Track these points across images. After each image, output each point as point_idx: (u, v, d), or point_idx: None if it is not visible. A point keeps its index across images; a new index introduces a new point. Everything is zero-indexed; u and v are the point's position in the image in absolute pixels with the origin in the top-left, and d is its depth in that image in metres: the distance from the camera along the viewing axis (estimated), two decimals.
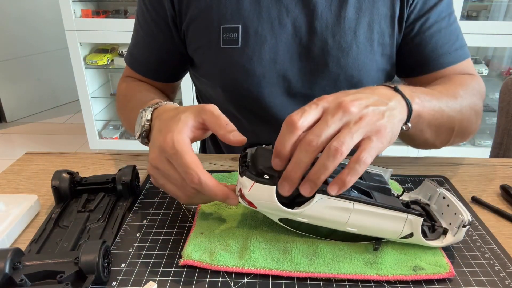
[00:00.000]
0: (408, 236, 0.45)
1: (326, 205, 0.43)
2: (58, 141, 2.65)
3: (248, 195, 0.44)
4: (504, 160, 0.70)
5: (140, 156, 0.70)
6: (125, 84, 0.78)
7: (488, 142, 2.17)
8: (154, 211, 0.54)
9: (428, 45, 0.69)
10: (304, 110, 0.43)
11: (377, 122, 0.43)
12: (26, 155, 0.71)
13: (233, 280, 0.42)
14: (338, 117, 0.42)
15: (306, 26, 0.66)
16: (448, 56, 0.69)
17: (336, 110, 0.42)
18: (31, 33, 2.86)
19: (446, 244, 0.46)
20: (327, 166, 0.40)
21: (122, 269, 0.44)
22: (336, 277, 0.42)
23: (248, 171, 0.44)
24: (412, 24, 0.68)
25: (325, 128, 0.41)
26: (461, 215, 0.45)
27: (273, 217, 0.47)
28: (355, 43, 0.66)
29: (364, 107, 0.43)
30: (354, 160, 0.41)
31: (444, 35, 0.69)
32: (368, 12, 0.66)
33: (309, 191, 0.42)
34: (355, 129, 0.41)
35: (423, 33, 0.68)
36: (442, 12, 0.68)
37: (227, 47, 0.67)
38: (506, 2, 2.06)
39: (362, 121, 0.42)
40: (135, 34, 0.76)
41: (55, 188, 0.54)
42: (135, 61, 0.77)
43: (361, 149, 0.41)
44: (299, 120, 0.41)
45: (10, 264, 0.39)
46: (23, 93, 2.92)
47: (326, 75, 0.68)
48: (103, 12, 2.14)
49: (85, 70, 2.15)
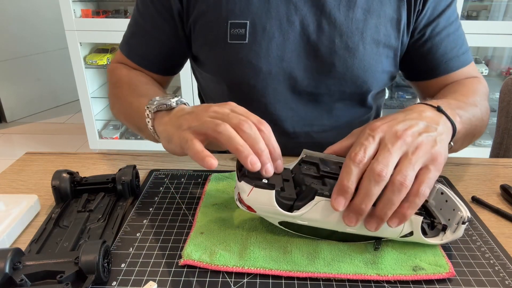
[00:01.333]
0: (408, 235, 0.45)
1: (326, 207, 0.43)
2: (58, 141, 2.65)
3: (247, 200, 0.44)
4: (504, 160, 0.70)
5: (140, 156, 0.70)
6: (126, 71, 0.75)
7: (488, 142, 2.17)
8: (154, 211, 0.54)
9: (439, 50, 0.70)
10: (364, 146, 0.43)
11: (432, 150, 0.43)
12: (26, 155, 0.71)
13: (233, 280, 0.42)
14: (398, 146, 0.42)
15: (314, 24, 0.67)
16: (456, 60, 0.71)
17: (395, 139, 0.43)
18: (31, 33, 2.86)
19: (446, 242, 0.46)
20: (393, 201, 0.41)
21: (122, 269, 0.44)
22: (336, 277, 0.42)
23: (247, 176, 0.45)
24: (423, 29, 0.69)
25: (390, 157, 0.42)
26: (460, 212, 0.45)
27: (273, 221, 0.47)
28: (361, 44, 0.67)
29: (417, 135, 0.44)
30: (414, 193, 0.41)
31: (453, 39, 0.70)
32: (375, 14, 0.67)
33: (376, 227, 0.43)
34: (415, 160, 0.42)
35: (433, 38, 0.69)
36: (450, 17, 0.70)
37: (234, 43, 0.67)
38: (506, 2, 2.06)
39: (419, 151, 0.43)
40: (134, 23, 0.75)
41: (55, 188, 0.54)
42: (132, 51, 0.76)
43: (420, 181, 0.42)
44: (364, 156, 0.42)
45: (10, 264, 0.39)
46: (23, 93, 2.92)
47: (332, 74, 0.68)
48: (103, 12, 2.14)
49: (85, 70, 2.15)
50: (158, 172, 0.64)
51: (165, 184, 0.61)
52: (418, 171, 0.42)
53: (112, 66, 0.79)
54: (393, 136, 0.43)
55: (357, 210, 0.42)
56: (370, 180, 0.41)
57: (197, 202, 0.56)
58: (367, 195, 0.41)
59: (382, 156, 0.42)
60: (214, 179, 0.61)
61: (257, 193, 0.44)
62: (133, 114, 0.63)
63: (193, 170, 0.65)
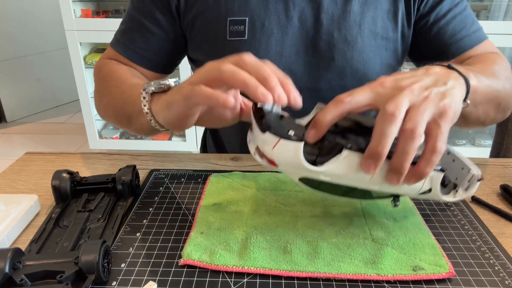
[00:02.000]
0: (426, 192, 0.44)
1: (353, 161, 0.41)
2: (58, 141, 2.65)
3: (272, 153, 0.41)
4: (504, 160, 0.70)
5: (140, 156, 0.70)
6: (117, 65, 0.72)
7: (488, 142, 2.17)
8: (154, 211, 0.54)
9: (446, 32, 0.69)
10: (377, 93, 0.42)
11: (440, 103, 0.41)
12: (26, 155, 0.71)
13: (233, 280, 0.42)
14: (405, 96, 0.40)
15: (312, 19, 0.67)
16: (467, 39, 0.70)
17: (399, 92, 0.41)
18: (31, 33, 2.86)
19: (458, 199, 0.46)
20: (407, 150, 0.39)
21: (122, 269, 0.44)
22: (336, 277, 0.42)
23: (270, 126, 0.40)
24: (427, 15, 0.69)
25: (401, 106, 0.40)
26: (471, 170, 0.44)
27: (293, 176, 0.44)
28: (360, 37, 0.67)
29: (424, 89, 0.42)
30: (429, 150, 0.40)
31: (460, 20, 0.70)
32: (372, 6, 0.67)
33: (396, 181, 0.41)
34: (423, 109, 0.40)
35: (439, 21, 0.69)
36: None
37: (233, 40, 0.67)
38: (506, 2, 2.06)
39: (427, 102, 0.41)
40: (128, 19, 0.73)
41: (55, 188, 0.54)
42: (126, 46, 0.73)
43: (433, 137, 0.40)
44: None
45: (10, 264, 0.39)
46: (23, 93, 2.92)
47: (332, 68, 0.69)
48: (103, 12, 2.14)
49: (85, 70, 2.15)
50: (158, 172, 0.64)
51: (165, 184, 0.61)
52: (428, 127, 0.41)
53: (101, 63, 0.75)
54: (398, 89, 0.41)
55: (398, 169, 0.40)
56: (406, 138, 0.39)
57: (197, 202, 0.56)
58: (404, 153, 0.39)
59: (413, 114, 0.40)
60: (214, 179, 0.61)
61: (283, 146, 0.40)
62: (125, 103, 0.60)
63: (193, 170, 0.65)
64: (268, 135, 0.41)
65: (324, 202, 0.55)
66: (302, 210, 0.53)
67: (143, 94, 0.52)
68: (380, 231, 0.49)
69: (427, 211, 0.54)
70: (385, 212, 0.53)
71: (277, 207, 0.54)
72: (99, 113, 0.72)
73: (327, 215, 0.52)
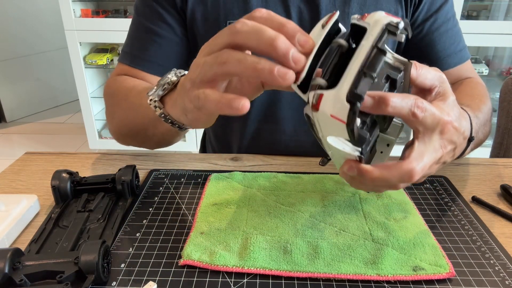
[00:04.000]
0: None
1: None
2: (58, 141, 2.65)
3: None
4: (504, 160, 0.70)
5: (140, 156, 0.70)
6: (125, 78, 0.70)
7: (488, 142, 2.16)
8: (154, 211, 0.54)
9: (437, 45, 0.70)
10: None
11: (443, 160, 0.45)
12: (25, 155, 0.71)
13: (233, 280, 0.42)
14: (434, 149, 0.42)
15: (310, 22, 0.67)
16: (454, 56, 0.71)
17: (437, 146, 0.43)
18: (31, 33, 2.86)
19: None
20: (390, 182, 0.41)
21: (122, 269, 0.44)
22: (336, 277, 0.42)
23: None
24: (421, 25, 0.70)
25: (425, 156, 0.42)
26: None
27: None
28: None
29: (450, 156, 0.45)
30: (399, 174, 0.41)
31: (451, 35, 0.71)
32: (371, 9, 0.67)
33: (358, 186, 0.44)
34: (429, 171, 0.43)
35: (432, 33, 0.70)
36: (448, 12, 0.70)
37: None
38: (506, 2, 2.06)
39: (438, 165, 0.44)
40: (136, 28, 0.72)
41: (55, 188, 0.54)
42: (137, 56, 0.71)
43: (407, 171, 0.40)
44: None
45: (10, 264, 0.39)
46: (23, 93, 2.92)
47: None
48: (103, 11, 2.14)
49: (84, 70, 2.15)
50: (158, 172, 0.64)
51: (165, 184, 0.60)
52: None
53: (109, 81, 0.72)
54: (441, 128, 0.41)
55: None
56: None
57: (197, 202, 0.56)
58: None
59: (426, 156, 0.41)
60: (214, 179, 0.61)
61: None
62: (137, 114, 0.59)
63: (193, 170, 0.65)
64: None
65: (324, 202, 0.55)
66: (302, 210, 0.53)
67: (151, 103, 0.50)
68: (380, 231, 0.49)
69: (427, 211, 0.54)
70: (385, 212, 0.53)
71: (277, 207, 0.54)
72: (113, 135, 0.69)
73: (327, 215, 0.52)
